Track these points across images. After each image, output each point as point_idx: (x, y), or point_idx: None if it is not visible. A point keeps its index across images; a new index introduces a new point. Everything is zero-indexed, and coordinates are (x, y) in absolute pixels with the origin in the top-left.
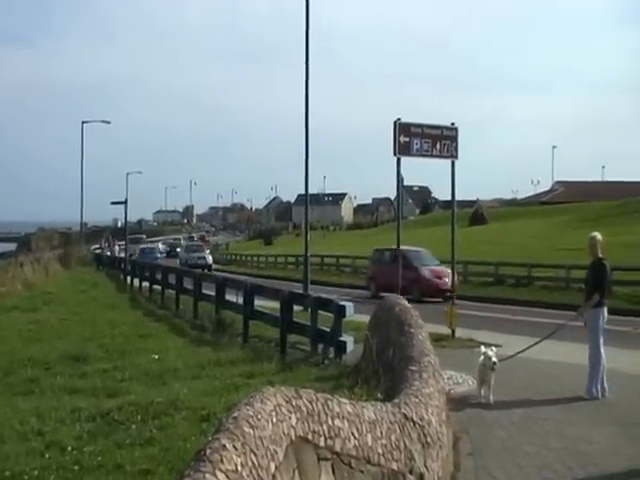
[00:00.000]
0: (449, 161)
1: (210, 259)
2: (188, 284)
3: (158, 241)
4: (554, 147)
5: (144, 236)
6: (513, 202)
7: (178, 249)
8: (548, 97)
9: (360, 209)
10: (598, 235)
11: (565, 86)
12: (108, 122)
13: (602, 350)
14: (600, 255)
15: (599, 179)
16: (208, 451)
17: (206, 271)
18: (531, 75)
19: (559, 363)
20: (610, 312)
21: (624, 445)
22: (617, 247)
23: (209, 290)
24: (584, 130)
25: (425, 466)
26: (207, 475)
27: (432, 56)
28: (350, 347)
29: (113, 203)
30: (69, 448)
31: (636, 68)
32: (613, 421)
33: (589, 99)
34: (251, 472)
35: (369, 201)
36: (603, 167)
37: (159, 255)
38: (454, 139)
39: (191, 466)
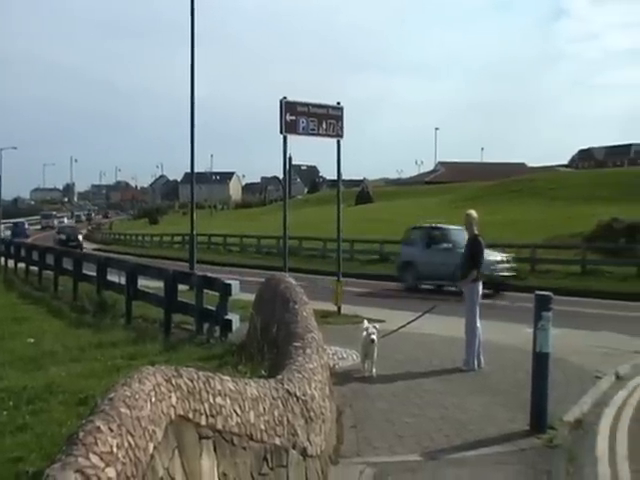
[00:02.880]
0: (335, 140)
1: None
2: (67, 264)
3: (63, 217)
4: (437, 129)
5: (55, 212)
6: (398, 182)
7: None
8: (432, 80)
9: (249, 188)
10: (474, 213)
11: (448, 70)
12: None
13: (478, 323)
14: (476, 232)
15: (479, 160)
16: (81, 434)
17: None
18: (416, 58)
19: (439, 336)
20: (485, 287)
21: (496, 412)
22: (494, 225)
23: (90, 270)
24: (465, 113)
25: (308, 440)
26: (80, 459)
27: (319, 36)
28: (236, 325)
29: None
30: None
31: (513, 54)
32: (488, 390)
33: (471, 83)
34: (127, 453)
35: (258, 180)
36: (482, 149)
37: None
38: (339, 118)
39: (63, 450)
